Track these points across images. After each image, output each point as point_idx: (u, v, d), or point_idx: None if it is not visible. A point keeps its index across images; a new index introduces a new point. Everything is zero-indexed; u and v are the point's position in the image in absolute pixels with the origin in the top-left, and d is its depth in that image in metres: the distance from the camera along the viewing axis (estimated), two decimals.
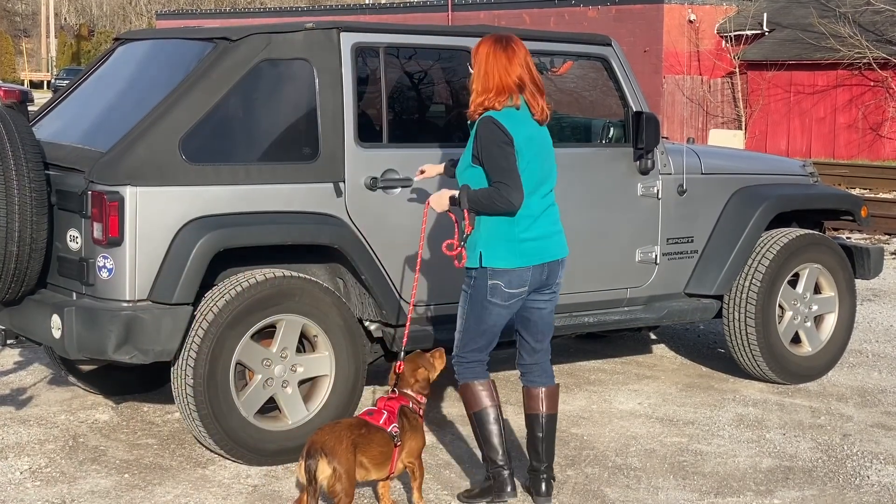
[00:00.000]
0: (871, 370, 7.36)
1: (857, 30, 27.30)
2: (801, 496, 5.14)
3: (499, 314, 4.74)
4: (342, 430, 4.53)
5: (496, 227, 4.64)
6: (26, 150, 5.15)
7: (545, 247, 4.73)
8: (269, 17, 45.13)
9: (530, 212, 4.67)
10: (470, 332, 4.80)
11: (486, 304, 4.71)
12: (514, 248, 4.65)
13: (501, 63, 4.62)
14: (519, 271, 4.66)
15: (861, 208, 7.30)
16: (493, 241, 4.65)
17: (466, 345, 4.82)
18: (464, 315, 4.80)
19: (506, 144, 4.56)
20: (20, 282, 5.24)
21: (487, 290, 4.68)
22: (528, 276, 4.69)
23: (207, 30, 5.90)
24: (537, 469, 4.90)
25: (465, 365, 4.85)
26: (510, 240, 4.64)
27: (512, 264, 4.65)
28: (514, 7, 33.58)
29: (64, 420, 6.00)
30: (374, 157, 5.63)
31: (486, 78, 4.62)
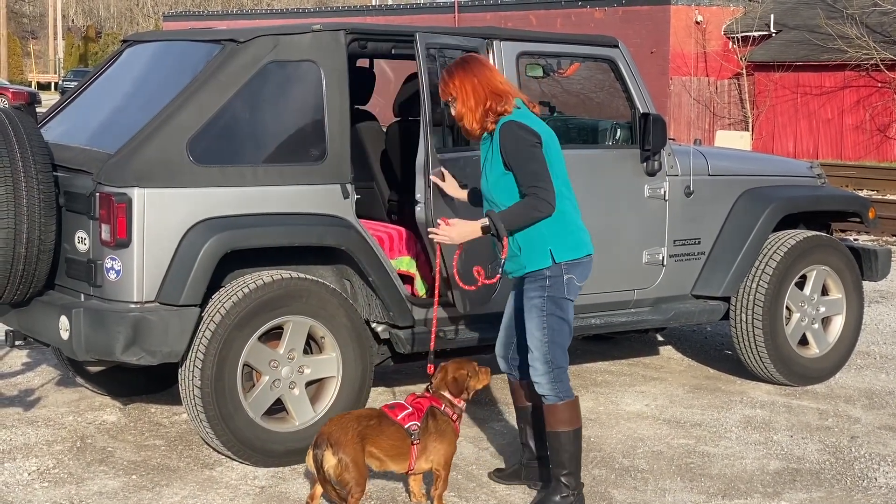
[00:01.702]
0: (878, 372, 7.35)
1: (864, 31, 27.26)
2: (809, 498, 5.14)
3: (572, 311, 4.69)
4: (349, 421, 4.60)
5: (559, 219, 4.56)
6: (34, 151, 5.17)
7: (589, 237, 4.76)
8: (276, 19, 45.20)
9: (574, 202, 4.68)
10: (558, 340, 4.62)
11: (565, 304, 4.61)
12: (580, 236, 4.64)
13: (483, 74, 4.60)
14: (585, 262, 4.64)
15: (868, 210, 7.29)
16: (560, 234, 4.57)
17: (560, 356, 4.64)
18: (544, 326, 4.61)
19: (534, 146, 4.50)
20: (28, 283, 5.25)
21: (565, 287, 4.59)
22: (589, 270, 4.67)
23: (215, 31, 5.91)
24: (544, 457, 4.91)
25: (564, 381, 4.67)
26: (575, 229, 4.62)
27: (582, 252, 4.61)
28: (520, 8, 33.58)
29: (72, 421, 6.01)
30: None
31: (476, 92, 4.56)
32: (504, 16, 33.47)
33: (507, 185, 4.58)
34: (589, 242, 4.71)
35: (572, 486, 4.73)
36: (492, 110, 4.57)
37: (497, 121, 4.59)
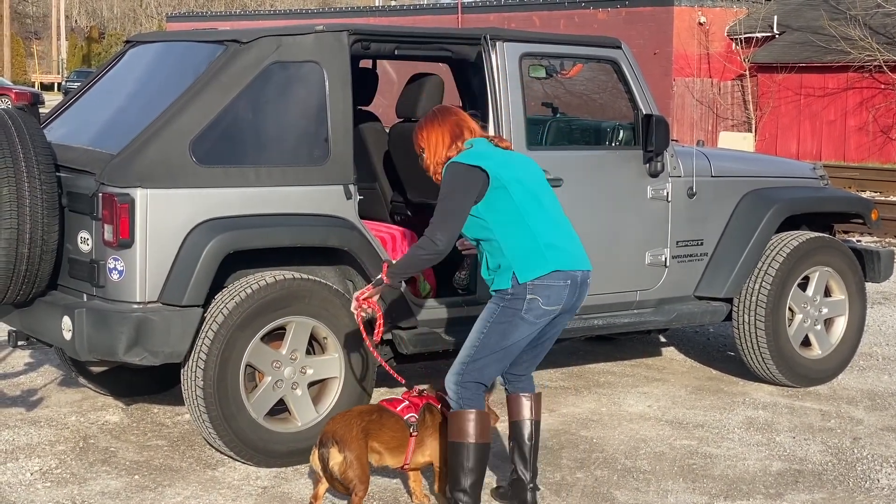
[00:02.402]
0: (881, 373, 7.34)
1: (867, 32, 27.23)
2: (811, 499, 5.13)
3: (525, 332, 4.58)
4: (353, 417, 4.63)
5: (518, 243, 4.55)
6: (37, 152, 5.17)
7: (572, 255, 4.63)
8: (279, 20, 45.22)
9: (540, 221, 4.59)
10: (487, 349, 4.59)
11: (516, 320, 4.55)
12: (543, 254, 4.55)
13: (437, 122, 4.68)
14: (557, 285, 4.54)
15: (871, 211, 7.29)
16: (520, 256, 4.54)
17: (473, 368, 4.60)
18: (482, 331, 4.60)
19: (452, 185, 4.52)
20: (31, 283, 5.26)
21: (524, 305, 4.53)
22: (564, 295, 4.56)
23: (218, 32, 5.91)
24: (524, 479, 4.78)
25: (469, 390, 4.62)
26: (536, 249, 4.54)
27: (547, 269, 4.52)
28: (523, 9, 33.58)
29: (74, 421, 6.01)
30: None
31: (433, 140, 4.67)
32: (507, 17, 33.47)
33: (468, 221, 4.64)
34: (561, 259, 4.56)
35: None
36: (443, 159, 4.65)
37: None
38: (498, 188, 4.53)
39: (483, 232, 4.60)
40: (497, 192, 4.53)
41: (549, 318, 4.61)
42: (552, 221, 4.63)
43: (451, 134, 4.65)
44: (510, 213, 4.54)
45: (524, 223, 4.54)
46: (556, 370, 7.16)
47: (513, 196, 4.54)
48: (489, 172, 4.52)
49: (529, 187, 4.61)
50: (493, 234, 4.56)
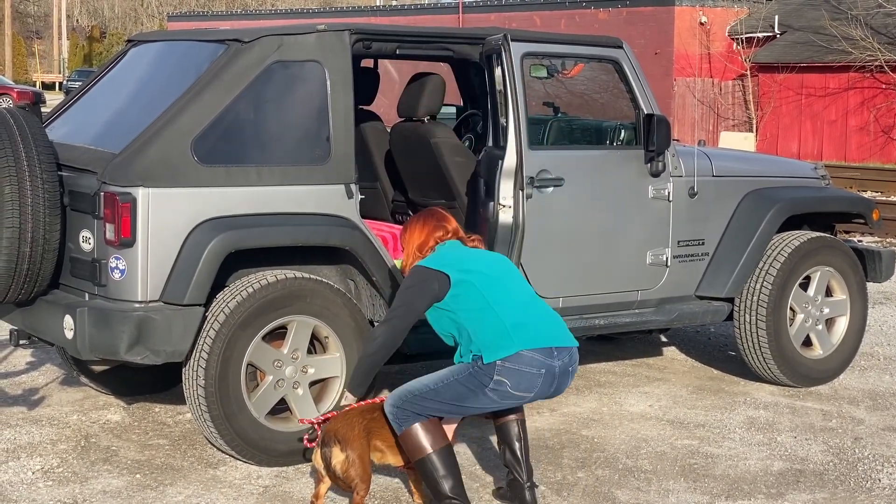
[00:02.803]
0: (882, 373, 7.34)
1: (868, 32, 27.22)
2: (813, 499, 5.13)
3: (485, 404, 4.57)
4: (354, 416, 4.65)
5: (485, 327, 4.55)
6: (39, 151, 5.17)
7: (543, 332, 4.60)
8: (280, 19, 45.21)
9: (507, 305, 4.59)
10: (441, 399, 4.56)
11: (479, 392, 4.53)
12: (509, 333, 4.52)
13: (417, 227, 4.82)
14: (529, 374, 4.49)
15: (872, 211, 7.29)
16: (486, 339, 4.53)
17: (424, 403, 4.57)
18: (443, 381, 4.57)
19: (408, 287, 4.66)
20: (33, 282, 5.26)
21: (491, 382, 4.50)
22: (537, 383, 4.52)
23: (219, 31, 5.92)
24: (520, 480, 4.78)
25: (405, 416, 4.62)
26: (502, 329, 4.53)
27: (512, 349, 4.48)
28: (524, 9, 33.57)
29: (76, 420, 6.02)
30: None
31: (409, 244, 4.82)
32: (508, 16, 33.46)
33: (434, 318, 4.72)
34: (529, 337, 4.52)
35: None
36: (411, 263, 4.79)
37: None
38: (462, 283, 4.62)
39: (452, 325, 4.65)
40: (461, 286, 4.62)
41: (519, 401, 4.59)
42: (521, 304, 4.66)
43: (422, 243, 4.79)
44: (476, 302, 4.60)
45: (490, 308, 4.58)
46: None
47: (477, 286, 4.61)
48: (450, 275, 4.62)
49: (495, 277, 4.69)
50: (462, 323, 4.61)
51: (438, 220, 4.84)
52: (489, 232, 5.87)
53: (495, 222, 5.84)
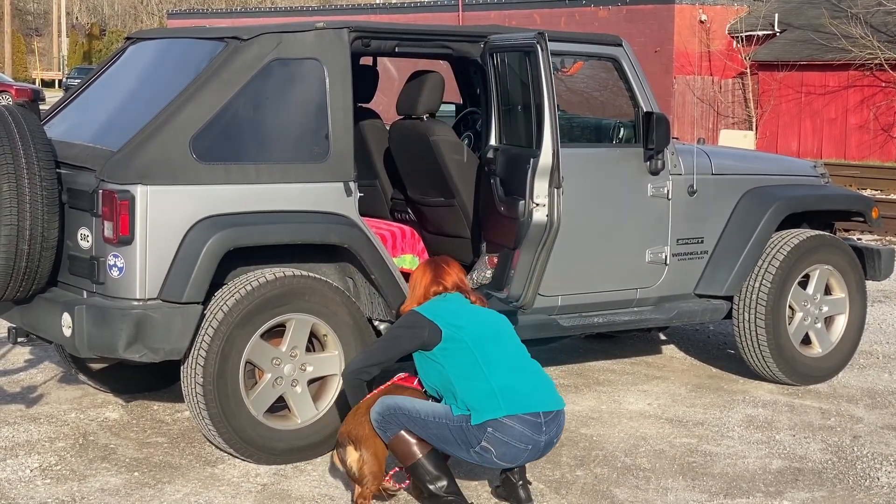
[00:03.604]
0: (881, 372, 7.34)
1: (868, 30, 27.20)
2: (811, 497, 5.13)
3: (465, 458, 4.64)
4: (363, 414, 4.72)
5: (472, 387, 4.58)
6: (38, 148, 5.17)
7: (530, 396, 4.62)
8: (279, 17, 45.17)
9: (497, 367, 4.63)
10: (428, 430, 4.60)
11: (464, 447, 4.58)
12: (496, 395, 4.55)
13: (428, 279, 4.92)
14: (515, 448, 4.52)
15: (872, 209, 7.28)
16: (473, 400, 4.55)
17: (410, 422, 4.60)
18: (433, 417, 4.60)
19: (407, 328, 4.76)
20: (31, 280, 5.25)
21: (477, 446, 4.56)
22: (522, 456, 4.58)
23: (218, 29, 5.91)
24: (512, 479, 4.79)
25: (391, 425, 4.64)
26: (489, 391, 4.56)
27: (499, 412, 4.51)
28: (524, 7, 33.54)
29: (74, 418, 6.01)
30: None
31: (414, 289, 4.94)
32: (508, 14, 33.43)
33: (420, 363, 4.81)
34: (515, 402, 4.54)
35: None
36: (413, 304, 4.90)
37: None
38: (453, 339, 4.68)
39: (438, 377, 4.70)
40: (452, 342, 4.68)
41: (500, 466, 4.66)
42: (510, 366, 4.69)
43: (420, 294, 4.91)
44: (466, 359, 4.64)
45: (479, 367, 4.62)
46: (556, 368, 7.16)
47: (468, 344, 4.67)
48: (441, 328, 4.69)
49: (488, 336, 4.73)
50: (450, 378, 4.65)
51: (438, 274, 4.93)
52: (518, 230, 5.85)
53: (527, 221, 5.83)
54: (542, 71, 5.75)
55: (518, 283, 5.91)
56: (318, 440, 5.40)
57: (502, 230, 6.00)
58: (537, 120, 5.84)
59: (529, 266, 5.87)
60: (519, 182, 5.86)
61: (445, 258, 5.09)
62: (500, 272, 5.95)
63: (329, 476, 5.23)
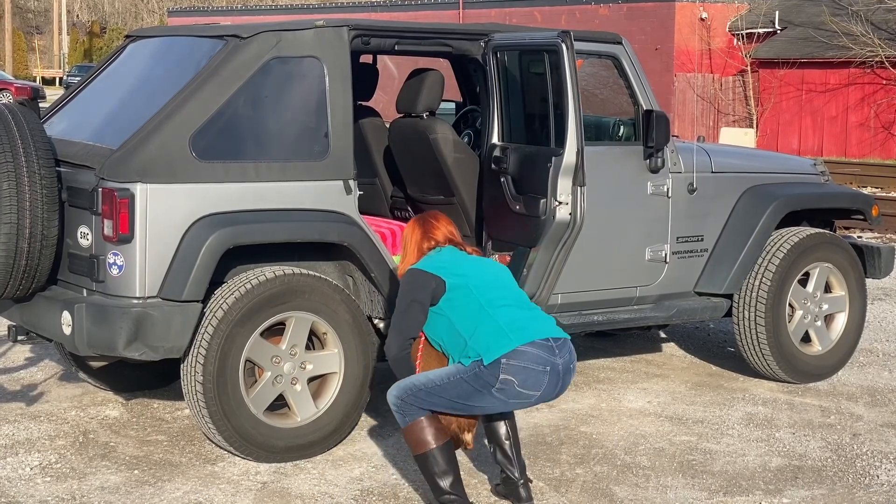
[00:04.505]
0: (881, 369, 7.34)
1: (869, 28, 27.19)
2: (811, 495, 5.13)
3: (491, 404, 4.56)
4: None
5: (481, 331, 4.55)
6: (37, 146, 5.17)
7: (538, 325, 4.62)
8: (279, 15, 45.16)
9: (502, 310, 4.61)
10: (446, 395, 4.55)
11: (485, 392, 4.52)
12: (506, 334, 4.53)
13: (417, 235, 4.84)
14: (535, 371, 4.48)
15: (872, 207, 7.28)
16: (483, 343, 4.53)
17: (429, 398, 4.57)
18: (448, 378, 4.56)
19: (406, 292, 4.67)
20: (31, 278, 5.25)
21: (497, 381, 4.49)
22: (544, 381, 4.50)
23: (218, 27, 5.91)
24: (513, 477, 4.78)
25: (410, 409, 4.61)
26: (498, 331, 4.54)
27: (511, 346, 4.48)
28: (524, 5, 33.53)
29: (74, 416, 6.02)
30: None
31: (406, 248, 4.86)
32: (508, 12, 33.42)
33: (434, 322, 4.72)
34: (525, 335, 4.52)
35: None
36: (407, 266, 4.81)
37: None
38: (457, 288, 4.64)
39: (445, 329, 4.65)
40: (457, 291, 4.64)
41: (525, 401, 4.57)
42: (515, 307, 4.66)
43: (417, 246, 4.82)
44: (472, 305, 4.61)
45: (485, 311, 4.59)
46: None
47: (472, 290, 4.63)
48: (444, 279, 4.64)
49: (490, 281, 4.71)
50: (457, 327, 4.61)
51: (427, 230, 4.85)
52: (538, 228, 5.86)
53: (549, 219, 5.84)
54: (567, 70, 5.76)
55: (534, 281, 5.92)
56: (318, 438, 5.40)
57: (515, 228, 6.00)
58: (559, 119, 5.85)
59: (547, 264, 5.89)
60: (538, 180, 5.87)
61: (433, 213, 5.00)
62: (514, 270, 5.94)
63: (329, 474, 5.23)
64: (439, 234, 4.84)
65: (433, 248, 4.80)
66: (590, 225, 6.04)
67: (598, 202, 6.18)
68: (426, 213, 5.00)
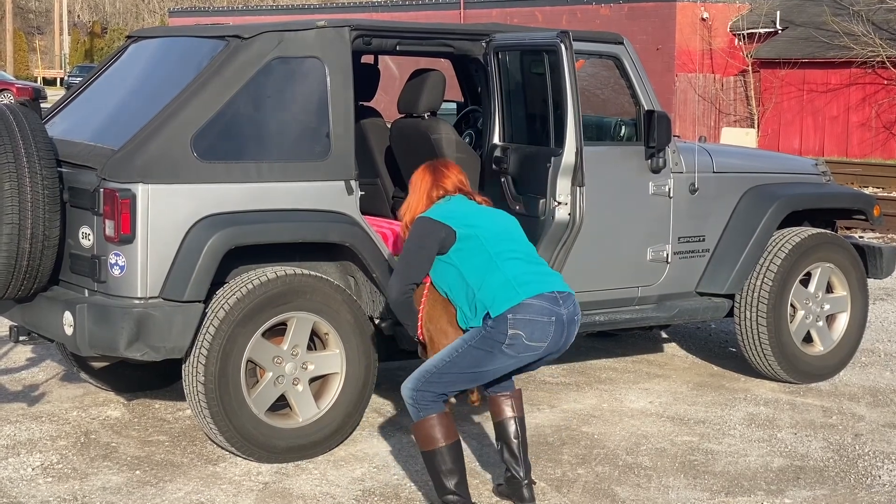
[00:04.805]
0: (883, 370, 7.33)
1: (870, 28, 27.19)
2: (813, 496, 5.13)
3: (503, 363, 4.57)
4: (438, 314, 4.75)
5: (489, 284, 4.56)
6: (39, 147, 5.17)
7: (545, 279, 4.63)
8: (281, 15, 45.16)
9: (511, 262, 4.62)
10: (458, 368, 4.57)
11: (495, 351, 4.53)
12: (514, 287, 4.54)
13: (428, 183, 4.80)
14: (541, 323, 4.50)
15: (874, 207, 7.28)
16: (490, 295, 4.54)
17: (436, 380, 4.58)
18: (458, 350, 4.58)
19: (414, 237, 4.65)
20: (32, 279, 5.26)
21: (505, 339, 4.50)
22: (550, 332, 4.52)
23: (219, 28, 5.91)
24: (517, 477, 4.78)
25: (425, 401, 4.60)
26: (506, 284, 4.55)
27: (518, 299, 4.50)
28: (525, 5, 33.53)
29: (76, 417, 6.02)
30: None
31: (414, 195, 4.82)
32: (509, 12, 33.42)
33: (435, 268, 4.70)
34: (531, 289, 4.54)
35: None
36: (414, 214, 4.78)
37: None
38: (467, 238, 4.62)
39: (457, 281, 4.64)
40: (467, 241, 4.62)
41: (534, 353, 4.57)
42: (523, 260, 4.66)
43: (426, 194, 4.79)
44: (481, 257, 4.60)
45: (493, 263, 4.59)
46: (557, 366, 7.16)
47: (482, 242, 4.62)
48: (455, 228, 4.62)
49: (499, 233, 4.69)
50: (466, 278, 4.61)
51: (437, 178, 4.81)
52: (538, 228, 5.86)
53: (548, 219, 5.84)
54: (566, 70, 5.77)
55: None
56: (320, 438, 5.40)
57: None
58: (559, 119, 5.85)
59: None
60: (537, 180, 5.88)
61: (444, 161, 4.96)
62: None
63: (331, 474, 5.23)
64: (449, 183, 4.80)
65: (442, 197, 4.76)
66: (591, 225, 6.04)
67: (600, 202, 6.18)
68: (436, 161, 4.96)
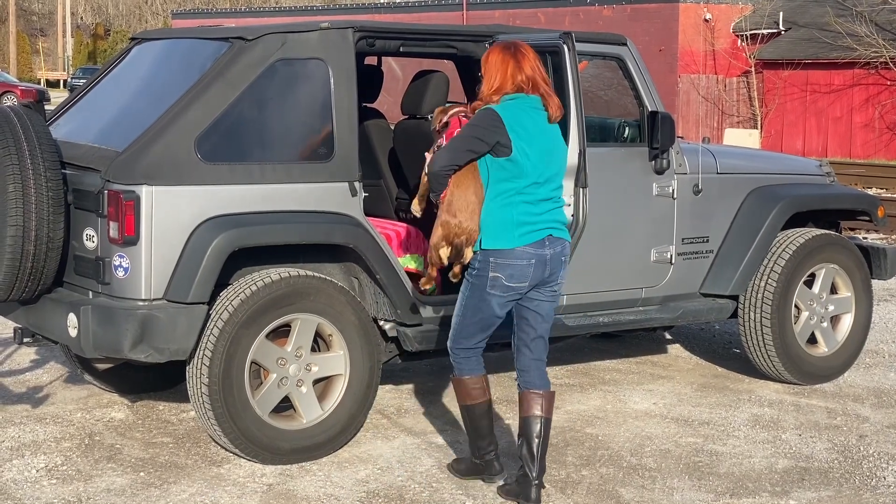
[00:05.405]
0: (887, 371, 7.33)
1: (873, 29, 27.17)
2: (818, 497, 5.13)
3: (496, 305, 4.79)
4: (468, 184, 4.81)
5: (494, 212, 4.71)
6: (43, 149, 5.17)
7: (544, 227, 4.77)
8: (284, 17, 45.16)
9: (531, 199, 4.72)
10: (465, 322, 4.89)
11: (485, 296, 4.78)
12: (511, 231, 4.70)
13: (510, 66, 4.75)
14: (518, 264, 4.70)
15: (877, 208, 7.27)
16: (490, 225, 4.72)
17: (459, 335, 4.93)
18: (462, 304, 4.89)
19: (478, 128, 4.67)
20: (37, 280, 5.26)
21: (487, 282, 4.75)
22: (529, 272, 4.72)
23: (223, 29, 5.91)
24: (530, 476, 4.80)
25: (459, 357, 4.96)
26: (506, 223, 4.69)
27: (504, 243, 4.69)
28: (528, 6, 33.52)
29: (80, 418, 6.02)
30: None
31: (491, 80, 4.76)
32: (512, 13, 33.42)
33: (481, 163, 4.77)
34: (526, 238, 4.70)
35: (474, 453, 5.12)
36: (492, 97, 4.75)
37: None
38: (515, 162, 4.68)
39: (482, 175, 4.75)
40: (513, 164, 4.68)
41: (519, 292, 4.77)
42: (535, 204, 4.73)
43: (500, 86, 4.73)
44: (512, 185, 4.69)
45: (513, 201, 4.69)
46: (561, 367, 7.16)
47: (521, 178, 4.69)
48: (514, 148, 4.66)
49: (541, 173, 4.72)
50: (487, 189, 4.74)
51: (519, 61, 4.74)
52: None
53: None
54: (569, 71, 5.77)
55: None
56: (324, 440, 5.40)
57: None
58: (562, 120, 5.83)
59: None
60: None
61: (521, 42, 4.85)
62: None
63: (335, 476, 5.23)
64: (528, 68, 4.74)
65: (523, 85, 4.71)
66: (595, 226, 6.04)
67: (604, 203, 6.18)
68: (513, 41, 4.86)
